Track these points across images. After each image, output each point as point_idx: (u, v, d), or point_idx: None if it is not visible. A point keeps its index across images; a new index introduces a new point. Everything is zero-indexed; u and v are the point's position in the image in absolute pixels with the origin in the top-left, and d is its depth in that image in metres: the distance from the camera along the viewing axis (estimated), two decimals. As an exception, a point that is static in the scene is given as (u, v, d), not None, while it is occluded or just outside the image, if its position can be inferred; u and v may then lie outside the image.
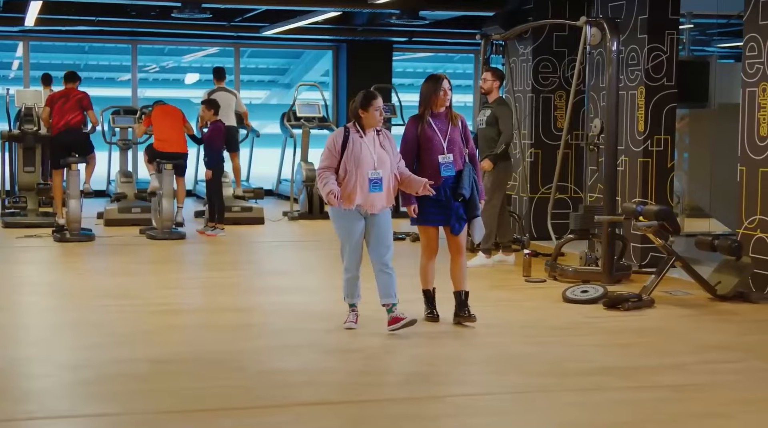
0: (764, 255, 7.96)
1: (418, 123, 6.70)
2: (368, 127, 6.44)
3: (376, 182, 6.40)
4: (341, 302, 6.66)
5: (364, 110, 6.42)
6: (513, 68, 11.65)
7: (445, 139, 6.67)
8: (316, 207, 13.63)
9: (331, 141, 6.45)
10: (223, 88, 13.81)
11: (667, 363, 5.97)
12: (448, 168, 6.67)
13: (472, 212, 6.76)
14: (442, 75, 6.80)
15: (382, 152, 6.44)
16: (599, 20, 8.72)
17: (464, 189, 6.68)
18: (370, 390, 5.38)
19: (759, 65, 8.03)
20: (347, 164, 6.37)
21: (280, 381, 5.46)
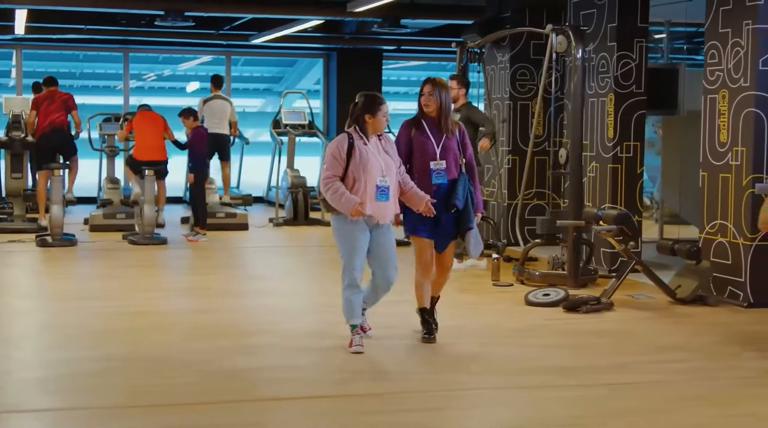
0: (725, 259, 8.07)
1: (411, 127, 6.45)
2: (372, 132, 6.10)
3: (384, 190, 6.08)
4: (310, 304, 6.81)
5: (371, 116, 6.06)
6: (492, 76, 11.81)
7: (439, 145, 6.37)
8: (301, 214, 13.79)
9: (335, 148, 6.05)
10: (220, 96, 13.96)
11: (614, 362, 6.10)
12: (440, 175, 6.35)
13: (465, 225, 6.38)
14: (432, 79, 6.49)
15: (387, 157, 6.14)
16: (565, 28, 8.85)
17: (458, 200, 6.32)
18: (319, 386, 5.53)
19: (719, 73, 8.16)
20: (354, 172, 6.00)
21: (230, 378, 5.62)
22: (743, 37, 7.88)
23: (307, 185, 14.02)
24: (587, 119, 9.92)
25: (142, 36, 15.57)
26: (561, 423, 4.89)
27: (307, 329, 7.04)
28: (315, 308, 7.87)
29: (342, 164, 6.01)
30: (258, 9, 12.73)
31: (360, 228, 6.08)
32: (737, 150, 7.96)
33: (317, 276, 9.80)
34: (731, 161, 8.02)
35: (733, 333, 6.99)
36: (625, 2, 9.52)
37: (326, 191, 6.01)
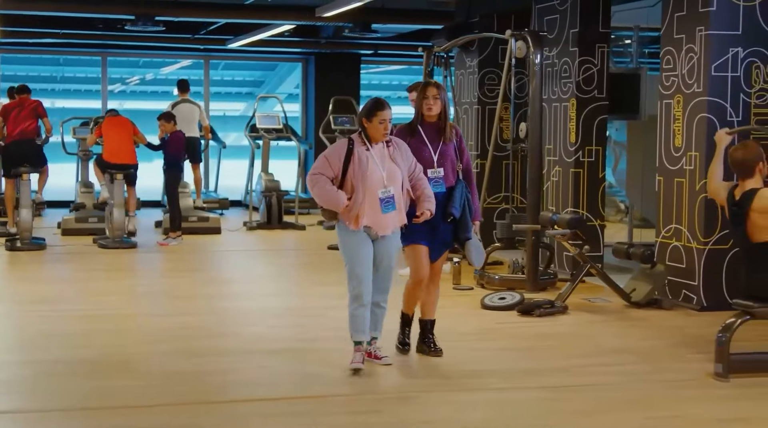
0: (679, 263, 8.15)
1: (407, 134, 6.12)
2: (374, 140, 5.74)
3: (388, 202, 5.74)
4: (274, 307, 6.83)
5: (367, 121, 5.74)
6: (461, 80, 11.88)
7: (436, 151, 6.10)
8: (274, 217, 13.84)
9: (330, 150, 5.80)
10: (187, 100, 14.05)
11: (558, 366, 6.17)
12: (438, 184, 6.07)
13: (463, 234, 6.14)
14: (430, 81, 6.32)
15: (392, 166, 5.77)
16: (523, 34, 8.93)
17: (455, 208, 6.06)
18: (273, 389, 5.59)
19: (674, 78, 8.24)
20: (353, 180, 5.67)
21: (180, 381, 5.70)
22: (697, 43, 7.96)
23: (282, 189, 14.06)
24: (551, 123, 10.01)
25: (120, 40, 15.63)
26: (491, 425, 4.96)
27: (268, 332, 7.11)
28: (279, 312, 7.95)
29: (333, 168, 5.68)
30: (228, 14, 12.82)
31: (362, 238, 5.76)
32: (691, 155, 8.04)
33: (285, 280, 9.88)
34: (685, 166, 8.10)
35: (681, 336, 7.06)
36: (587, 8, 9.61)
37: (312, 187, 5.73)
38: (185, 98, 14.02)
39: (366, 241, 5.78)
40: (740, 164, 5.84)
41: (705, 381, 5.81)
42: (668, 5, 8.30)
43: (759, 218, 5.68)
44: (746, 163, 5.82)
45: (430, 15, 12.90)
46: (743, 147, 5.89)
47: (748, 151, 5.85)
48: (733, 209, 5.84)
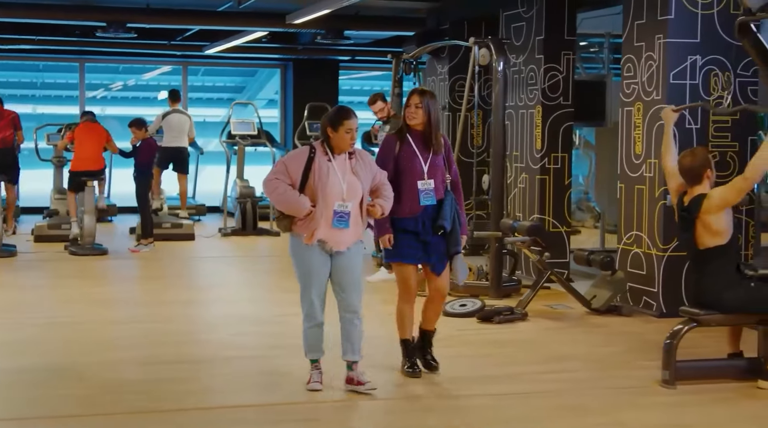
0: (640, 270, 8.18)
1: (397, 142, 5.86)
2: (337, 150, 5.44)
3: (342, 217, 5.41)
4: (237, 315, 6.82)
5: (333, 130, 5.42)
6: (432, 87, 11.91)
7: (426, 162, 5.82)
8: (249, 224, 13.85)
9: (291, 158, 5.47)
10: (178, 110, 14.06)
11: (508, 372, 6.20)
12: (429, 196, 5.79)
13: (452, 248, 5.89)
14: (416, 89, 5.99)
15: (353, 179, 5.46)
16: (487, 41, 8.97)
17: (445, 221, 5.79)
18: (216, 397, 5.63)
19: (634, 85, 8.28)
20: (314, 191, 5.37)
21: (127, 390, 5.70)
22: (656, 51, 8.00)
23: (256, 195, 14.08)
24: (517, 130, 10.05)
25: (97, 46, 15.63)
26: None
27: (230, 340, 7.14)
28: (244, 319, 7.94)
29: (292, 176, 5.37)
30: (200, 21, 12.84)
31: (316, 253, 5.45)
32: (651, 162, 8.07)
33: (254, 287, 9.89)
34: (645, 173, 8.14)
35: (636, 342, 7.09)
36: (552, 16, 9.66)
37: (271, 192, 5.40)
38: (176, 109, 14.03)
39: (321, 257, 5.45)
40: (688, 171, 5.87)
41: (652, 388, 5.83)
42: (628, 13, 8.35)
43: (708, 219, 5.71)
44: (694, 170, 5.85)
45: (402, 22, 12.95)
46: (691, 154, 5.93)
47: (696, 158, 5.89)
48: (683, 215, 5.88)
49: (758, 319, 5.86)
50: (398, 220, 5.79)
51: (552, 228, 9.71)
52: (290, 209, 5.41)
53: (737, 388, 5.81)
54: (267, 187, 5.43)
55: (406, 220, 5.79)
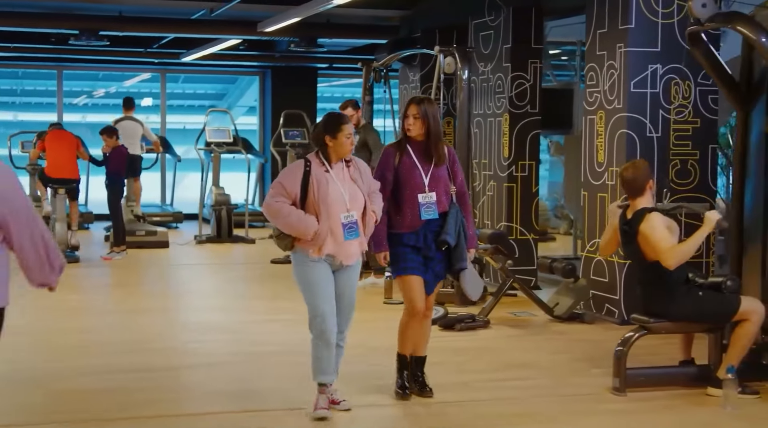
0: (602, 277, 8.21)
1: (396, 153, 5.59)
2: (336, 158, 5.24)
3: (352, 227, 5.20)
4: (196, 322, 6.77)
5: (332, 137, 5.21)
6: (404, 95, 11.96)
7: (427, 174, 5.53)
8: (224, 231, 13.87)
9: (285, 175, 5.23)
10: (130, 118, 14.05)
11: (459, 380, 6.21)
12: (430, 210, 5.49)
13: (457, 264, 5.57)
14: (414, 97, 5.71)
15: (353, 187, 5.26)
16: (452, 50, 9.01)
17: (449, 235, 5.49)
18: (152, 406, 5.62)
19: (597, 94, 8.33)
20: (315, 205, 5.14)
21: (72, 399, 5.71)
22: (617, 60, 8.05)
23: (232, 202, 14.09)
24: (485, 138, 10.09)
25: (74, 54, 15.64)
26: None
27: (190, 348, 7.15)
28: (208, 327, 7.96)
29: (291, 194, 5.15)
30: (172, 28, 12.86)
31: (322, 267, 5.21)
32: (613, 170, 8.11)
33: (226, 294, 9.89)
34: (607, 181, 8.18)
35: (594, 350, 7.11)
36: (519, 24, 9.70)
37: (275, 216, 5.14)
38: (128, 115, 14.03)
39: (328, 272, 5.23)
40: (631, 183, 5.89)
41: (603, 395, 5.86)
42: (591, 22, 8.40)
43: (644, 240, 5.75)
44: (637, 181, 5.87)
45: (375, 30, 12.99)
46: (633, 167, 5.95)
47: (639, 170, 5.91)
48: (624, 228, 5.91)
49: (707, 327, 5.90)
50: (398, 235, 5.54)
51: (520, 236, 9.75)
52: (297, 230, 5.14)
53: (687, 395, 5.85)
54: (269, 212, 5.18)
55: (407, 234, 5.53)
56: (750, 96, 6.16)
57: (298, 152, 14.38)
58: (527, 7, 9.66)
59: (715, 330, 5.90)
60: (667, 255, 5.65)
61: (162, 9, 12.26)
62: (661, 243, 5.68)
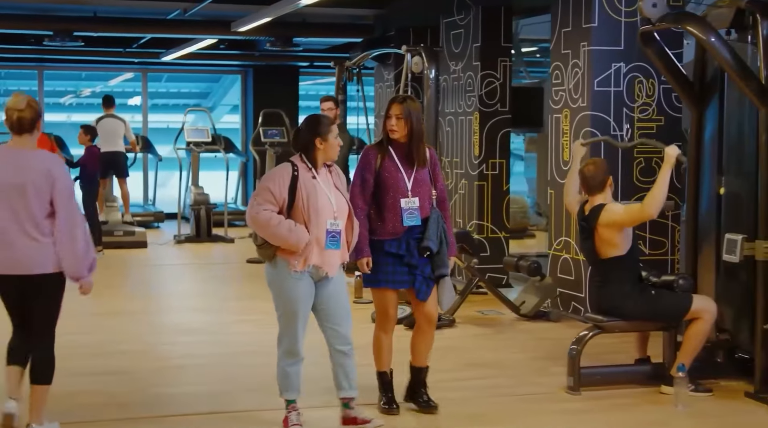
0: (569, 275, 8.25)
1: (378, 155, 5.32)
2: (323, 161, 4.99)
3: (335, 236, 4.92)
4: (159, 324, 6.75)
5: (323, 139, 4.93)
6: (380, 94, 11.99)
7: (410, 178, 5.28)
8: (203, 231, 13.88)
9: (272, 178, 4.91)
10: (111, 115, 14.06)
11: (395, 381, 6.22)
12: (413, 216, 5.25)
13: (438, 270, 5.33)
14: (397, 97, 5.47)
15: (338, 194, 5.01)
16: (419, 49, 9.03)
17: (431, 241, 5.26)
18: (101, 411, 5.65)
19: (562, 92, 8.35)
20: (304, 213, 4.86)
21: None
22: (581, 59, 8.08)
23: (211, 201, 14.10)
24: (456, 137, 10.11)
25: (54, 54, 15.64)
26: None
27: (151, 350, 7.16)
28: (172, 329, 7.99)
29: (278, 200, 4.84)
30: (145, 29, 12.90)
31: (304, 282, 4.91)
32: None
33: (196, 295, 9.91)
34: (573, 179, 8.20)
35: (557, 348, 7.09)
36: (488, 23, 9.72)
37: (260, 225, 4.81)
38: (109, 113, 14.05)
39: (309, 286, 4.95)
40: (591, 180, 5.93)
41: (557, 394, 5.90)
42: (556, 21, 8.43)
43: (605, 232, 5.78)
44: (596, 178, 5.92)
45: (350, 29, 13.01)
46: (594, 164, 6.00)
47: (599, 167, 5.96)
48: (582, 224, 5.95)
49: (660, 326, 5.94)
50: (379, 241, 5.28)
51: (491, 234, 9.78)
52: (287, 244, 4.84)
53: (641, 394, 5.89)
54: (256, 222, 4.84)
55: (388, 241, 5.28)
56: (703, 96, 6.19)
57: (277, 151, 14.41)
58: (496, 6, 9.68)
59: (669, 329, 5.94)
60: (643, 208, 5.69)
61: (136, 9, 12.26)
62: (631, 208, 5.78)
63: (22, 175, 4.70)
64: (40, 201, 4.71)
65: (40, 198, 4.71)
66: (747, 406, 5.66)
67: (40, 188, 4.70)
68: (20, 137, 4.82)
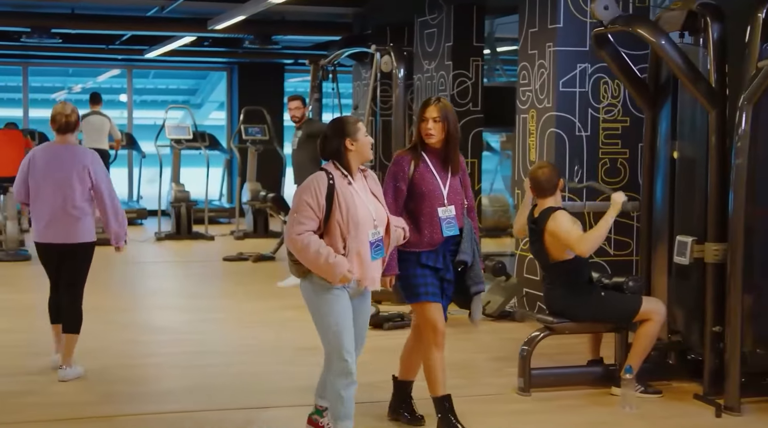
0: (534, 275, 8.25)
1: (412, 161, 4.96)
2: (357, 164, 4.61)
3: (378, 245, 4.57)
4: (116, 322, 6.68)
5: (353, 139, 4.57)
6: (358, 92, 12.00)
7: (446, 185, 4.96)
8: (183, 228, 13.90)
9: (311, 191, 4.48)
10: (97, 112, 14.09)
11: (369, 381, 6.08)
12: (451, 225, 4.91)
13: (475, 286, 5.05)
14: (431, 99, 5.05)
15: (374, 200, 4.63)
16: (388, 49, 9.05)
17: (466, 254, 4.97)
18: (53, 410, 5.65)
19: (529, 93, 8.36)
20: (341, 225, 4.47)
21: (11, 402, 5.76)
22: (547, 59, 8.08)
23: (191, 199, 14.12)
24: (428, 136, 10.11)
25: (40, 50, 15.67)
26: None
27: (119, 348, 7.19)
28: (126, 327, 8.00)
29: (319, 214, 4.46)
30: (122, 26, 12.93)
31: (345, 296, 4.56)
32: (543, 169, 8.14)
33: (170, 293, 9.92)
34: (539, 180, 8.20)
35: (517, 348, 7.10)
36: (460, 23, 9.73)
37: (300, 250, 4.42)
38: (95, 110, 14.08)
39: (348, 300, 4.59)
40: (545, 183, 5.94)
41: (508, 395, 5.91)
42: (523, 21, 8.43)
43: (550, 238, 5.80)
44: (551, 181, 5.92)
45: (329, 27, 13.02)
46: (546, 167, 6.00)
47: (551, 170, 5.97)
48: (532, 227, 5.96)
49: (610, 327, 5.95)
50: (415, 254, 4.92)
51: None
52: (323, 274, 4.46)
53: (591, 395, 5.90)
54: (294, 246, 4.45)
55: (425, 253, 4.94)
56: (657, 98, 6.20)
57: (258, 149, 14.43)
58: (468, 5, 9.69)
59: (620, 330, 5.95)
60: (579, 243, 5.66)
61: (114, 6, 12.27)
62: (571, 235, 5.71)
63: (68, 167, 6.05)
64: (82, 187, 6.04)
65: (83, 185, 6.04)
66: (695, 408, 5.67)
67: (82, 177, 6.03)
68: (64, 136, 6.17)
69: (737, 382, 5.48)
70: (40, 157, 6.16)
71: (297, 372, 6.46)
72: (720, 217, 5.66)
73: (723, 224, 5.63)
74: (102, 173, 6.11)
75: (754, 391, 5.68)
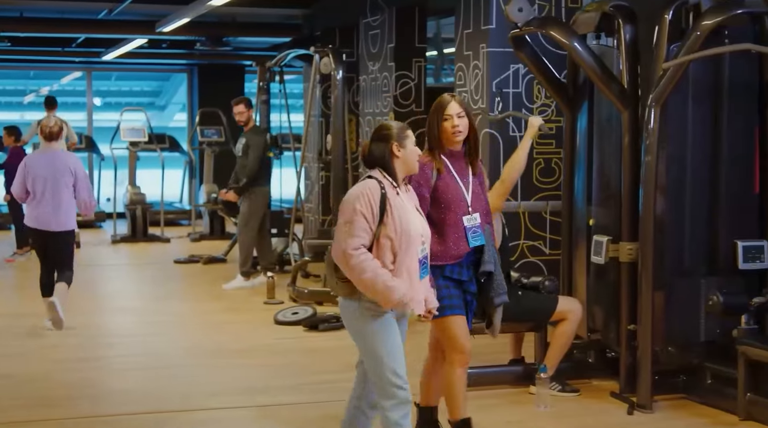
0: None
1: (434, 166, 4.59)
2: (404, 174, 4.21)
3: (425, 263, 4.19)
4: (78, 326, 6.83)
5: (400, 146, 4.18)
6: (308, 94, 11.99)
7: (468, 190, 4.61)
8: (139, 230, 13.88)
9: (366, 203, 4.03)
10: (54, 118, 14.04)
11: (295, 382, 6.29)
12: (477, 235, 4.57)
13: (498, 298, 4.70)
14: (446, 95, 4.68)
15: (419, 215, 4.25)
16: (327, 50, 9.08)
17: (489, 263, 4.62)
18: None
19: (465, 94, 8.40)
20: (393, 240, 4.05)
21: None
22: (481, 60, 8.12)
23: (147, 201, 14.10)
24: (373, 137, 10.15)
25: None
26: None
27: (24, 351, 7.16)
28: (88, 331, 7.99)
29: (372, 226, 4.02)
30: (71, 29, 12.91)
31: (394, 320, 4.17)
32: (478, 169, 8.18)
33: (113, 296, 9.90)
34: (474, 180, 8.25)
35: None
36: (402, 24, 9.77)
37: (353, 268, 3.99)
38: (51, 115, 14.02)
39: (397, 326, 4.20)
40: None
41: (439, 395, 5.92)
42: (459, 23, 8.47)
43: None
44: None
45: (279, 28, 13.05)
46: None
47: None
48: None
49: (528, 326, 6.00)
50: (440, 267, 4.53)
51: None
52: (380, 297, 4.03)
53: (509, 394, 5.95)
54: (347, 265, 4.00)
55: (450, 266, 4.57)
56: (576, 98, 6.25)
57: (214, 151, 14.43)
58: (409, 7, 9.73)
59: (538, 330, 6.00)
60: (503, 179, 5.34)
61: (65, 8, 12.24)
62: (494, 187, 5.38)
63: (56, 168, 7.66)
64: (67, 186, 7.65)
65: (68, 184, 7.65)
66: (609, 406, 5.72)
67: (67, 176, 7.64)
68: (50, 143, 7.85)
69: (649, 380, 5.53)
70: (34, 160, 7.82)
71: (237, 374, 6.49)
72: (634, 217, 5.71)
73: (636, 223, 5.68)
74: (81, 171, 7.79)
75: (666, 389, 5.74)
